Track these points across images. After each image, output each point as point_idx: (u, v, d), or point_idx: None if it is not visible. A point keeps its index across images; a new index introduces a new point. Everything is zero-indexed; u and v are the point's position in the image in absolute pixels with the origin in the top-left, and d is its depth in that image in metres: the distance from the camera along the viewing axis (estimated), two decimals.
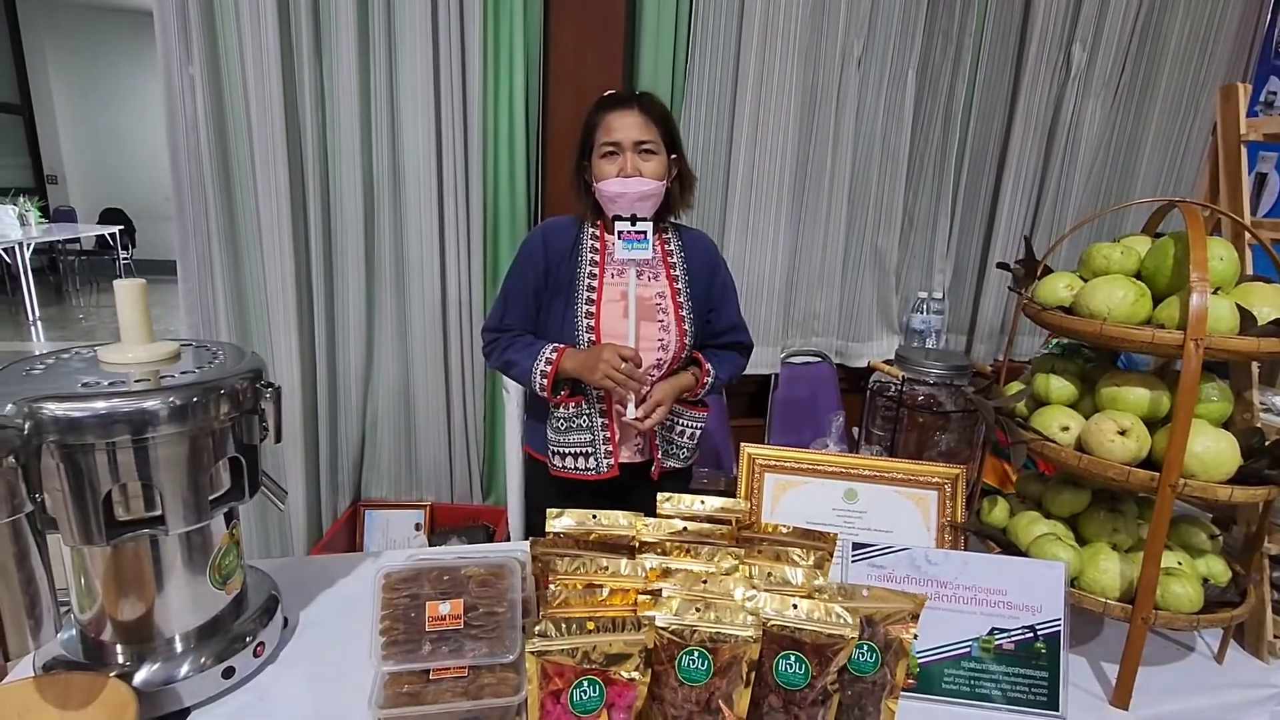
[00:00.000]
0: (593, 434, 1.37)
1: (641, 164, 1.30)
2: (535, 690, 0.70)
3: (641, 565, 0.84)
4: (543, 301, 1.38)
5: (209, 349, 0.91)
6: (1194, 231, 0.84)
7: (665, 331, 1.36)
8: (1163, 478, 0.84)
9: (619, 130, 1.30)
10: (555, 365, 1.31)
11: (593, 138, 1.33)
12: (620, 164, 1.30)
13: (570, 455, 1.38)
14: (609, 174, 1.31)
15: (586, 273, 1.36)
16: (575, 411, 1.36)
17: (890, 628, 0.82)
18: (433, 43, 1.91)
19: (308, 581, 1.08)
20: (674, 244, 1.42)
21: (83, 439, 0.70)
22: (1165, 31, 2.35)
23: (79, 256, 7.38)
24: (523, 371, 1.34)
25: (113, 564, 0.79)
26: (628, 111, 1.31)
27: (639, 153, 1.30)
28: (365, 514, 2.20)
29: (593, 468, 1.38)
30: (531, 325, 1.40)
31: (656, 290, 1.38)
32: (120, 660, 0.81)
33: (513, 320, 1.39)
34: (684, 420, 1.43)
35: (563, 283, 1.36)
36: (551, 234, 1.39)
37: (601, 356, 1.25)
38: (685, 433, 1.44)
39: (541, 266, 1.36)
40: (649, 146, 1.31)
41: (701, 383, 1.40)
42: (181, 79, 1.77)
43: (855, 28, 2.21)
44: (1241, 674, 1.01)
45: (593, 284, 1.35)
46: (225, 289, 1.93)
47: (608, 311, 1.34)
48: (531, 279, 1.36)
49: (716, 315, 1.45)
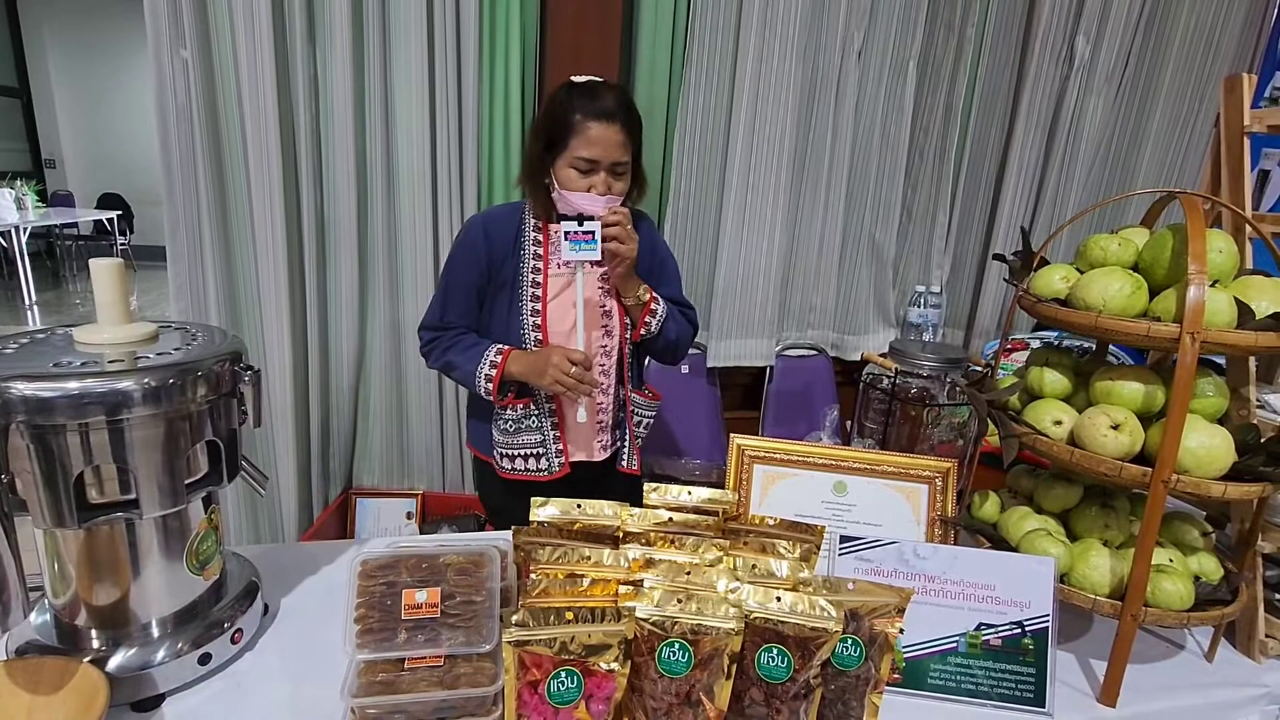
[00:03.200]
0: (542, 434, 1.32)
1: (614, 183, 1.25)
2: (512, 680, 0.69)
3: (624, 556, 0.83)
4: (485, 297, 1.32)
5: (189, 330, 0.89)
6: (1193, 223, 0.82)
7: (609, 317, 1.32)
8: (1155, 473, 0.83)
9: (600, 147, 1.22)
10: (500, 369, 1.26)
11: (566, 140, 1.24)
12: (593, 182, 1.24)
13: (520, 456, 1.34)
14: (578, 186, 1.24)
15: (531, 268, 1.30)
16: (524, 413, 1.31)
17: (875, 622, 0.81)
18: (428, 28, 1.88)
19: (291, 568, 1.07)
20: None
21: (52, 419, 0.69)
22: (1170, 25, 2.32)
23: (76, 241, 7.36)
24: (465, 375, 1.29)
25: (86, 547, 0.78)
26: (611, 126, 1.22)
27: (614, 173, 1.25)
28: (356, 502, 2.20)
29: (544, 468, 1.34)
30: (474, 322, 1.34)
31: (598, 275, 1.33)
32: (95, 645, 0.80)
33: (454, 317, 1.33)
34: (640, 411, 1.41)
35: (506, 278, 1.30)
36: (493, 225, 1.31)
37: (550, 360, 1.20)
38: (641, 423, 1.42)
39: (484, 261, 1.29)
40: (623, 168, 1.26)
41: (649, 308, 1.32)
42: (173, 62, 1.75)
43: (856, 18, 2.18)
44: (1231, 673, 1.00)
45: (538, 279, 1.29)
46: (216, 274, 1.91)
47: (554, 308, 1.29)
48: (474, 274, 1.30)
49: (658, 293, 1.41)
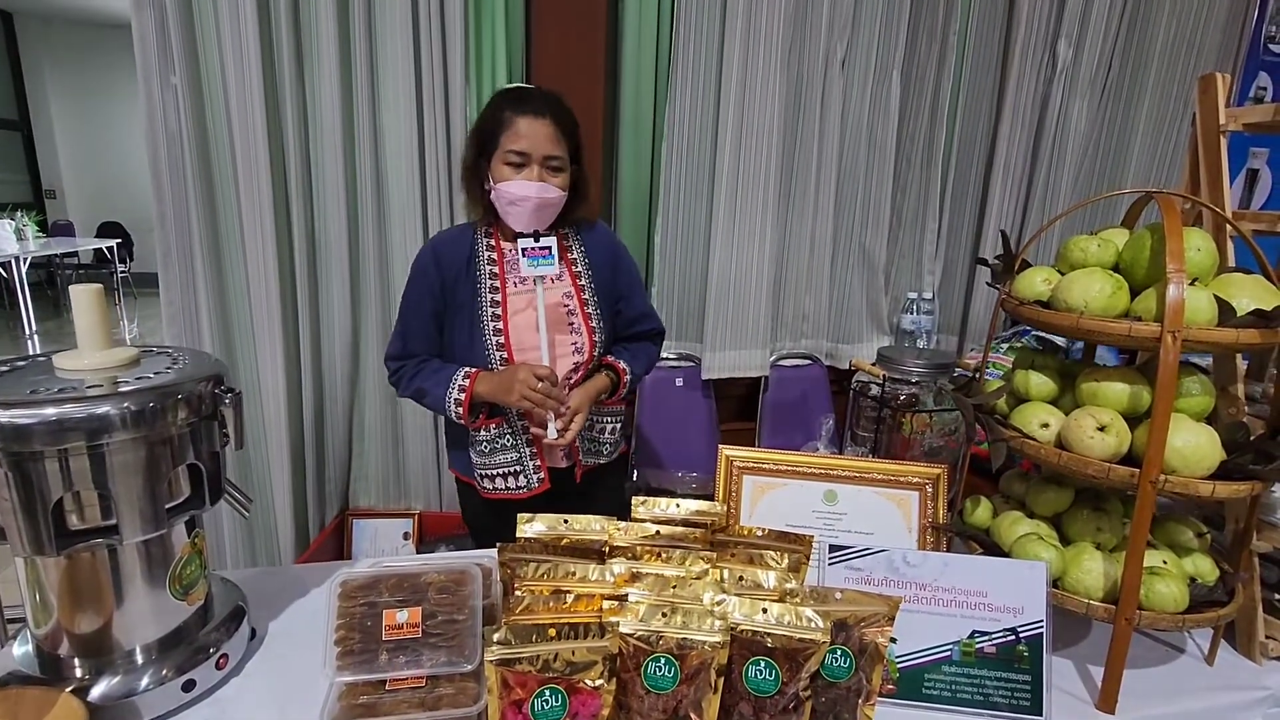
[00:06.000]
0: (519, 452, 1.33)
1: (549, 177, 1.25)
2: (495, 700, 0.68)
3: (610, 570, 0.82)
4: (444, 322, 1.32)
5: (170, 355, 0.89)
6: (1170, 222, 0.82)
7: (577, 334, 1.32)
8: (1143, 473, 0.82)
9: (528, 139, 1.22)
10: (469, 392, 1.26)
11: (496, 139, 1.24)
12: (526, 176, 1.23)
13: (499, 476, 1.35)
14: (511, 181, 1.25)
15: (488, 286, 1.30)
16: (497, 433, 1.32)
17: (865, 631, 0.80)
18: (414, 49, 1.90)
19: (279, 591, 1.06)
20: (572, 240, 1.37)
21: (29, 446, 0.69)
22: (1151, 27, 2.33)
23: (77, 270, 7.39)
24: (435, 400, 1.29)
25: (68, 575, 0.78)
26: (540, 120, 1.22)
27: (547, 167, 1.24)
28: (353, 523, 2.18)
29: (523, 485, 1.35)
30: (435, 348, 1.34)
31: (562, 292, 1.33)
32: (78, 674, 0.79)
33: (416, 346, 1.33)
34: (603, 418, 1.41)
35: (463, 300, 1.30)
36: (443, 248, 1.31)
37: (517, 377, 1.20)
38: (606, 429, 1.42)
39: (437, 286, 1.29)
40: (558, 163, 1.25)
41: (622, 383, 1.36)
42: (162, 89, 1.77)
43: (839, 28, 2.19)
44: (1232, 676, 0.99)
45: (496, 298, 1.29)
46: (208, 299, 1.91)
47: (516, 325, 1.29)
48: (428, 301, 1.30)
49: (626, 304, 1.41)
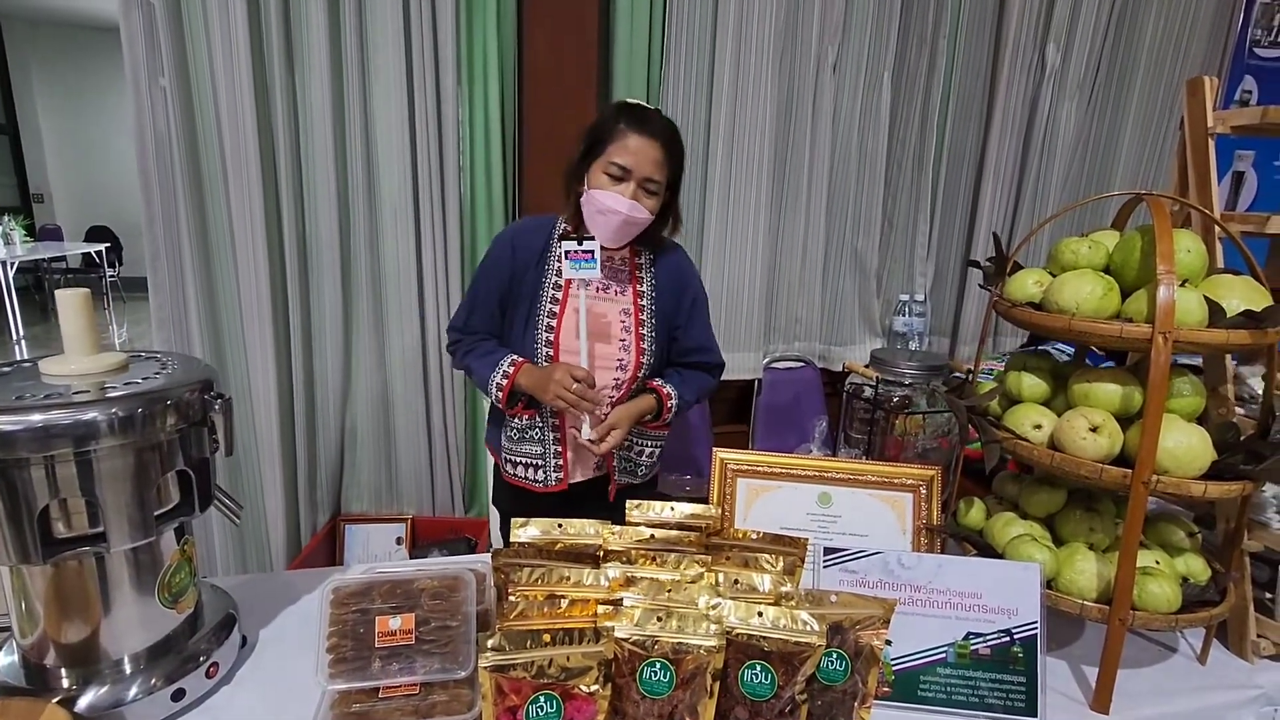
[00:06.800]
0: (544, 447, 1.35)
1: (644, 198, 1.25)
2: (490, 707, 0.68)
3: (605, 575, 0.81)
4: (506, 307, 1.36)
5: (159, 360, 0.88)
6: (1160, 224, 0.83)
7: (625, 351, 1.33)
8: (1135, 474, 0.83)
9: (635, 157, 1.22)
10: (511, 380, 1.30)
11: (604, 146, 1.25)
12: (622, 191, 1.24)
13: (521, 464, 1.38)
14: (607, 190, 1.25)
15: (551, 283, 1.33)
16: (529, 424, 1.35)
17: (860, 634, 0.80)
18: (405, 49, 1.89)
19: (271, 598, 1.05)
20: (644, 258, 1.38)
21: (14, 453, 0.68)
22: (1139, 30, 2.35)
23: (65, 274, 7.31)
24: (480, 380, 1.33)
25: (54, 584, 0.77)
26: (651, 142, 1.23)
27: (644, 188, 1.24)
28: (345, 529, 2.17)
29: (541, 480, 1.37)
30: (497, 329, 1.38)
31: (620, 308, 1.34)
32: (65, 684, 0.78)
33: (478, 323, 1.37)
34: (643, 440, 1.40)
35: (526, 294, 1.33)
36: (521, 238, 1.36)
37: (553, 376, 1.22)
38: (644, 452, 1.41)
39: (506, 274, 1.33)
40: (655, 187, 1.26)
41: (666, 408, 1.35)
42: (151, 91, 1.75)
43: (829, 33, 2.20)
44: (1225, 675, 1.00)
45: (556, 297, 1.32)
46: (198, 303, 1.90)
47: (567, 326, 1.31)
48: (495, 285, 1.34)
49: (683, 333, 1.40)
